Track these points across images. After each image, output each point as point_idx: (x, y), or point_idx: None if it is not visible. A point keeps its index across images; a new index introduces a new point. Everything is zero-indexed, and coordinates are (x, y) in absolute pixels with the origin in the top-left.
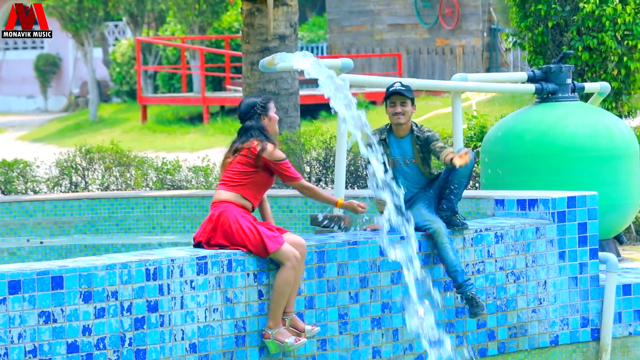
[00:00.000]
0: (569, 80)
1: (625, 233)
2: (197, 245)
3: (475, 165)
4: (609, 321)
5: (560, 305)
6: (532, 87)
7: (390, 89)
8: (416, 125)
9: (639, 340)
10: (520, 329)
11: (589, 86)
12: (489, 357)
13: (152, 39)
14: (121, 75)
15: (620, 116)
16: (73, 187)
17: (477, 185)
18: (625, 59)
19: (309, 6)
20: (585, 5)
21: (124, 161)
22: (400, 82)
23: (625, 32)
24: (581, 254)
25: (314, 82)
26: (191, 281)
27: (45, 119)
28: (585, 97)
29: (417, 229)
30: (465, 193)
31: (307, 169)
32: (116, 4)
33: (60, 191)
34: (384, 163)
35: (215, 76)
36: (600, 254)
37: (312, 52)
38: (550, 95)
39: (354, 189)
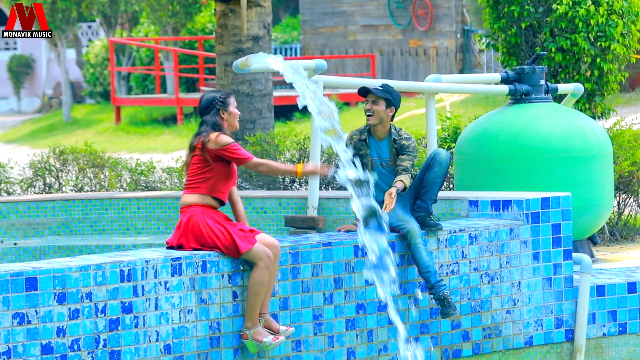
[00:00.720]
0: (543, 82)
1: (599, 234)
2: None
3: (450, 166)
4: (583, 322)
5: (534, 306)
6: (505, 88)
7: (360, 88)
8: (395, 129)
9: (612, 341)
10: (495, 329)
11: (562, 87)
12: (464, 358)
13: (126, 40)
14: (95, 77)
15: (594, 117)
16: (47, 188)
17: (451, 186)
18: (598, 60)
19: (283, 7)
20: (559, 7)
21: (97, 162)
22: (384, 85)
23: (598, 34)
24: (555, 255)
25: (287, 83)
26: (165, 282)
27: (19, 120)
28: (559, 99)
29: (391, 229)
30: (440, 194)
31: None
32: (89, 5)
33: (34, 192)
34: (355, 162)
35: (189, 77)
36: (574, 254)
37: (285, 53)
38: (523, 96)
39: (327, 189)
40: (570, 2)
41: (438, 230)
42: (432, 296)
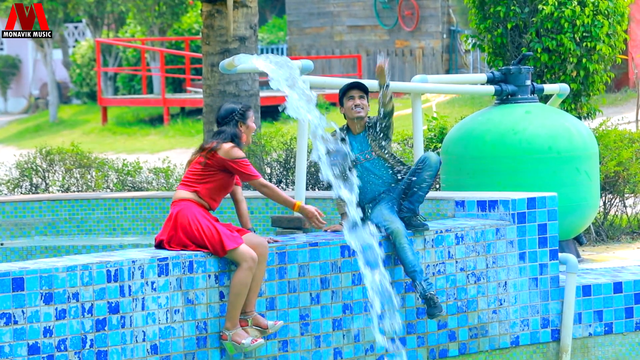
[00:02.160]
0: (528, 82)
1: (584, 234)
2: (159, 244)
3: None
4: (569, 322)
5: (520, 306)
6: (491, 88)
7: (349, 83)
8: (368, 117)
9: (598, 340)
10: (481, 329)
11: (548, 87)
12: (450, 358)
13: (112, 40)
14: (81, 77)
15: (580, 117)
16: (33, 188)
17: (437, 186)
18: (584, 60)
19: (269, 8)
20: (544, 7)
21: (84, 163)
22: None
23: (584, 34)
24: (541, 255)
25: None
26: (152, 282)
27: (5, 121)
28: (545, 99)
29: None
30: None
31: (268, 170)
32: (76, 5)
33: (21, 193)
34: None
35: (176, 78)
36: (560, 254)
37: (271, 53)
38: (509, 96)
39: (314, 190)
40: (556, 3)
41: (424, 230)
42: (418, 295)
